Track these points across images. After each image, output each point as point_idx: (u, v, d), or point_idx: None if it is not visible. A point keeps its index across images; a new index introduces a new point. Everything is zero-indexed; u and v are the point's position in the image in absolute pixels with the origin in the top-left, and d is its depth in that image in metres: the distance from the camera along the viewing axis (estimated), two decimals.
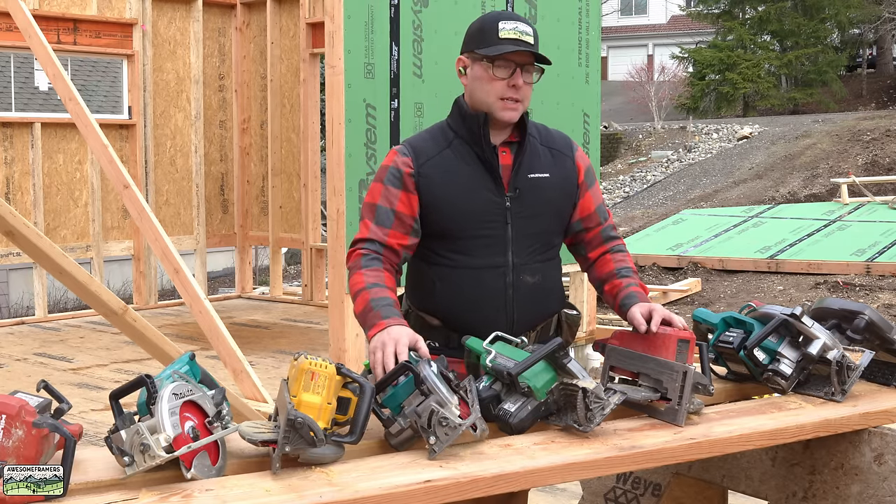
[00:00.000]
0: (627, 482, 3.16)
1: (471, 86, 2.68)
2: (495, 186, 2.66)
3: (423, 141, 2.72)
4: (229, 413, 2.18)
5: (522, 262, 2.68)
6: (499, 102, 2.64)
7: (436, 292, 2.67)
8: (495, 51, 2.60)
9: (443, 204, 2.64)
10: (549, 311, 2.78)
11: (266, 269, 13.03)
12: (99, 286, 4.31)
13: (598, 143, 7.52)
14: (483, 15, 2.75)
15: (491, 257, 2.66)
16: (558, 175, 2.75)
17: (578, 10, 7.18)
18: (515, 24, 2.63)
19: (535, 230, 2.71)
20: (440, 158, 2.67)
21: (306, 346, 7.31)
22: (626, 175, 22.95)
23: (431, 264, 2.69)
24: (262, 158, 9.51)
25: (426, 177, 2.64)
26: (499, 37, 2.60)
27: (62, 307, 13.40)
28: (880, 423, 2.65)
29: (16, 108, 12.49)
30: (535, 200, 2.69)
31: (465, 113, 2.69)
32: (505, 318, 2.67)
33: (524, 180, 2.69)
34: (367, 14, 5.66)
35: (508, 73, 2.62)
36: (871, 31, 31.45)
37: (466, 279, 2.66)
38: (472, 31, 2.70)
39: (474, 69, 2.66)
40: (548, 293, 2.76)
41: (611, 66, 39.85)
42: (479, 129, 2.65)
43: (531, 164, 2.71)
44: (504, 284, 2.66)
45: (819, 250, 12.53)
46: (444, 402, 2.20)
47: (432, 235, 2.66)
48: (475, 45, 2.65)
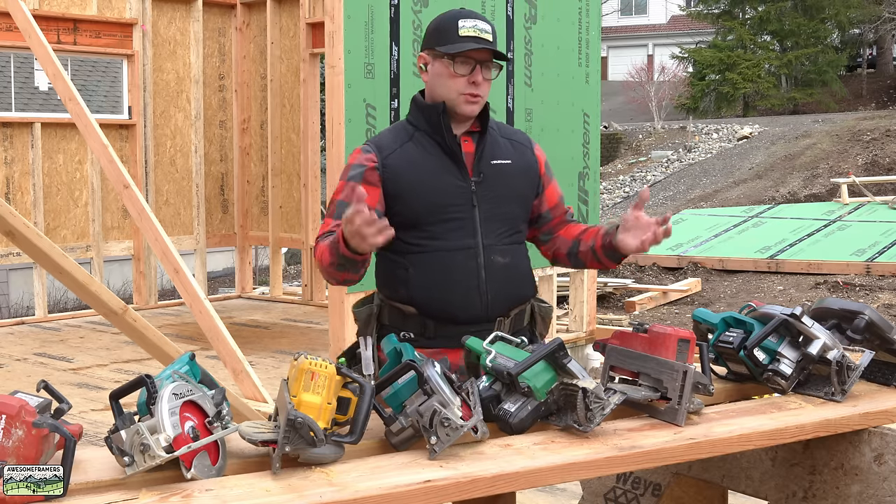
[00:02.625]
0: (627, 482, 3.16)
1: (431, 82, 2.76)
2: (459, 172, 2.73)
3: (385, 137, 2.80)
4: (229, 413, 2.18)
5: (492, 243, 2.74)
6: (460, 98, 2.71)
7: (409, 279, 2.70)
8: (456, 48, 2.67)
9: (409, 192, 2.69)
10: (521, 295, 2.82)
11: (266, 269, 13.04)
12: (99, 286, 4.31)
13: (598, 143, 7.52)
14: (442, 13, 2.80)
15: (461, 239, 2.71)
16: (520, 163, 2.84)
17: (578, 10, 7.18)
18: (475, 21, 2.71)
19: (502, 214, 2.77)
20: (402, 151, 2.74)
21: (306, 346, 7.31)
22: (626, 175, 22.95)
23: (403, 254, 2.72)
24: (262, 158, 9.51)
25: (390, 168, 2.70)
26: (458, 35, 2.68)
27: (62, 307, 13.40)
28: (880, 423, 2.65)
29: (16, 108, 12.49)
30: (500, 185, 2.77)
31: (423, 106, 2.77)
32: (479, 299, 2.71)
33: (487, 166, 2.76)
34: (367, 14, 5.66)
35: (468, 69, 2.69)
36: (871, 31, 31.45)
37: (439, 262, 2.70)
38: (431, 28, 2.77)
39: (435, 66, 2.73)
40: (520, 277, 2.81)
41: (611, 66, 39.86)
42: (439, 118, 2.72)
43: (493, 151, 2.80)
44: (476, 265, 2.71)
45: (819, 250, 12.54)
46: (447, 403, 2.20)
47: (402, 225, 2.67)
48: (435, 42, 2.72)
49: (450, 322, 2.67)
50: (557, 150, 7.16)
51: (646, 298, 11.24)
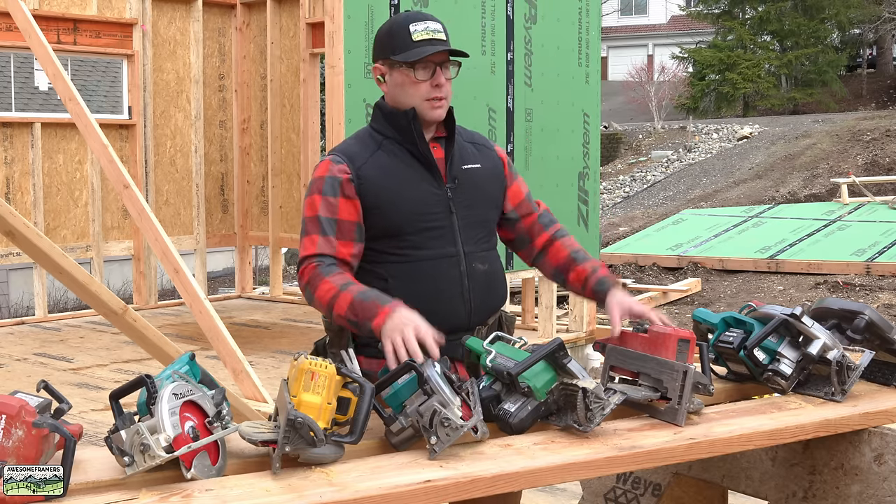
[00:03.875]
0: (627, 482, 3.16)
1: (393, 92, 2.68)
2: (434, 179, 2.67)
3: (352, 146, 2.71)
4: (229, 413, 2.18)
5: (472, 250, 2.70)
6: (425, 104, 2.65)
7: (391, 291, 2.58)
8: (414, 55, 2.60)
9: (386, 203, 2.62)
10: (499, 301, 2.80)
11: (266, 269, 13.03)
12: (99, 286, 4.31)
13: (598, 143, 7.52)
14: (390, 19, 2.76)
15: (443, 247, 2.66)
16: (487, 165, 2.80)
17: (578, 10, 7.18)
18: (426, 23, 2.65)
19: (477, 219, 2.74)
20: (374, 160, 2.65)
21: (306, 346, 7.29)
22: (626, 175, 22.95)
23: (381, 263, 2.65)
24: (262, 158, 9.51)
25: (365, 179, 2.63)
26: (413, 40, 2.61)
27: (62, 307, 13.40)
28: (880, 423, 2.65)
29: (16, 108, 12.49)
30: (473, 190, 2.72)
31: (390, 112, 2.69)
32: (463, 306, 2.66)
33: (459, 171, 2.72)
34: (367, 14, 5.66)
35: (429, 74, 2.63)
36: (871, 31, 31.45)
37: (422, 271, 2.64)
38: (381, 37, 2.69)
39: (394, 76, 2.66)
40: (498, 284, 2.78)
41: (611, 66, 39.85)
42: (409, 124, 2.65)
43: (462, 156, 2.75)
44: (459, 273, 2.67)
45: (819, 250, 12.54)
46: (447, 403, 2.20)
47: (379, 236, 2.64)
48: (390, 51, 2.64)
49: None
50: (557, 150, 7.16)
51: (646, 298, 11.24)
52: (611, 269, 12.70)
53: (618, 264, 13.00)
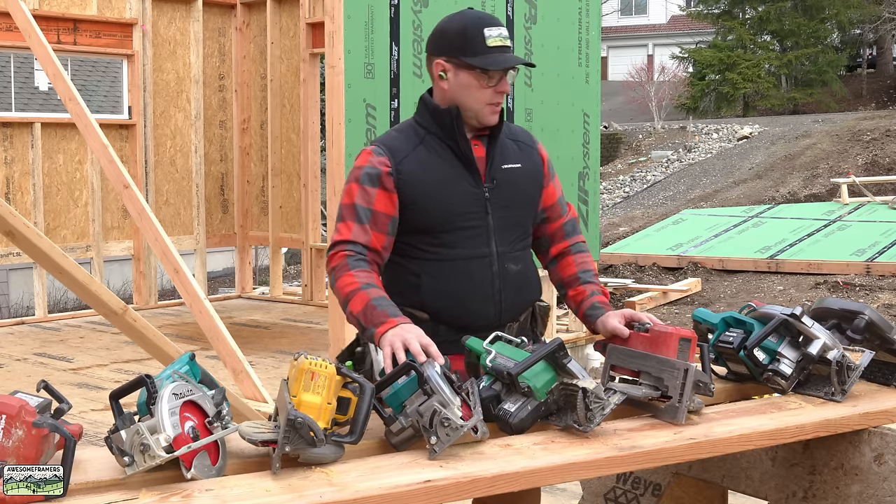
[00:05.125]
0: (627, 482, 3.16)
1: (453, 91, 2.67)
2: (473, 178, 2.68)
3: (395, 139, 2.73)
4: (229, 413, 2.18)
5: (505, 251, 2.71)
6: (486, 108, 2.66)
7: (422, 287, 2.65)
8: (492, 64, 2.61)
9: (424, 199, 2.64)
10: (531, 300, 2.81)
11: (266, 269, 13.03)
12: (99, 286, 4.31)
13: (598, 143, 7.52)
14: (458, 17, 2.70)
15: (476, 247, 2.68)
16: (528, 165, 2.80)
17: (578, 10, 7.18)
18: (499, 30, 2.64)
19: (514, 220, 2.75)
20: (415, 155, 2.67)
21: (306, 346, 7.31)
22: (626, 175, 22.95)
23: (414, 259, 2.68)
24: (262, 158, 9.51)
25: (405, 173, 2.65)
26: (487, 45, 2.61)
27: (62, 307, 13.40)
28: (880, 423, 2.65)
29: (16, 108, 12.49)
30: (511, 190, 2.73)
31: (435, 109, 2.70)
32: (493, 307, 2.69)
33: (499, 171, 2.72)
34: (367, 14, 5.66)
35: (496, 80, 2.65)
36: (871, 31, 31.45)
37: (454, 271, 2.66)
38: (451, 35, 2.66)
39: (460, 77, 2.65)
40: (530, 281, 2.80)
41: (611, 66, 39.85)
42: (452, 122, 2.67)
43: (504, 155, 2.75)
44: (491, 273, 2.68)
45: (819, 250, 12.53)
46: (447, 403, 2.20)
47: (414, 231, 2.66)
48: (461, 52, 2.63)
49: (462, 329, 2.63)
50: (557, 150, 7.15)
51: (646, 298, 11.24)
52: (611, 269, 12.75)
53: (618, 264, 13.00)
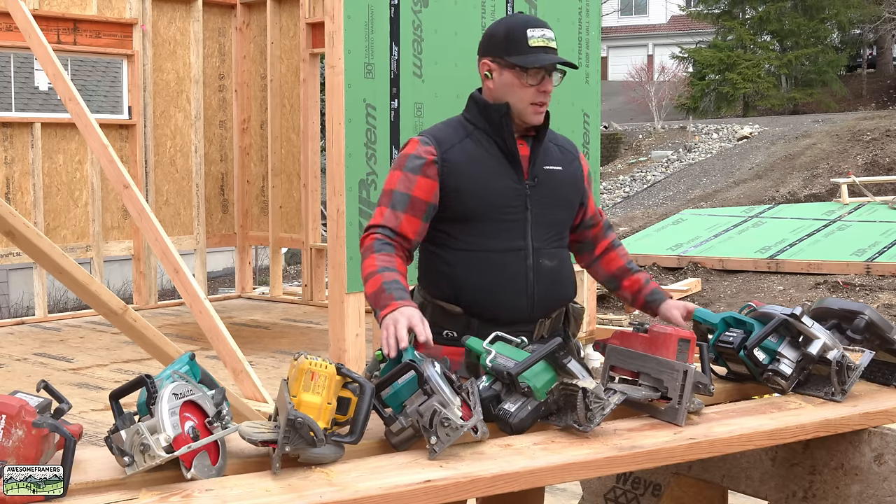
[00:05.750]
0: (627, 482, 3.16)
1: (498, 90, 2.76)
2: (515, 174, 2.76)
3: (442, 131, 2.81)
4: (229, 413, 2.18)
5: (541, 246, 2.78)
6: (530, 108, 2.74)
7: (456, 277, 2.73)
8: (531, 62, 2.69)
9: (466, 189, 2.72)
10: (565, 298, 2.87)
11: (266, 269, 13.04)
12: (99, 286, 4.31)
13: (598, 143, 7.52)
14: (506, 19, 2.84)
15: (512, 240, 2.75)
16: (569, 170, 2.89)
17: (578, 10, 7.17)
18: (543, 31, 2.73)
19: (552, 218, 2.83)
20: (462, 146, 2.76)
21: (306, 346, 7.31)
22: (626, 175, 22.95)
23: (451, 249, 2.76)
24: (262, 158, 9.51)
25: (449, 163, 2.73)
26: (529, 45, 2.70)
27: (62, 307, 13.40)
28: (880, 423, 2.65)
29: (16, 108, 12.49)
30: (551, 190, 2.82)
31: (484, 105, 2.78)
32: (526, 300, 2.74)
33: (541, 171, 2.81)
34: (367, 14, 5.66)
35: (538, 79, 2.72)
36: (871, 31, 31.45)
37: (488, 262, 2.73)
38: (497, 36, 2.77)
39: (504, 76, 2.74)
40: (564, 279, 2.86)
41: (611, 66, 39.85)
42: (501, 119, 2.74)
43: (546, 156, 2.83)
44: (525, 267, 2.75)
45: (819, 250, 12.52)
46: (447, 403, 2.20)
47: (453, 220, 2.73)
48: (504, 52, 2.73)
49: (493, 322, 2.66)
50: None
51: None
52: None
53: None
